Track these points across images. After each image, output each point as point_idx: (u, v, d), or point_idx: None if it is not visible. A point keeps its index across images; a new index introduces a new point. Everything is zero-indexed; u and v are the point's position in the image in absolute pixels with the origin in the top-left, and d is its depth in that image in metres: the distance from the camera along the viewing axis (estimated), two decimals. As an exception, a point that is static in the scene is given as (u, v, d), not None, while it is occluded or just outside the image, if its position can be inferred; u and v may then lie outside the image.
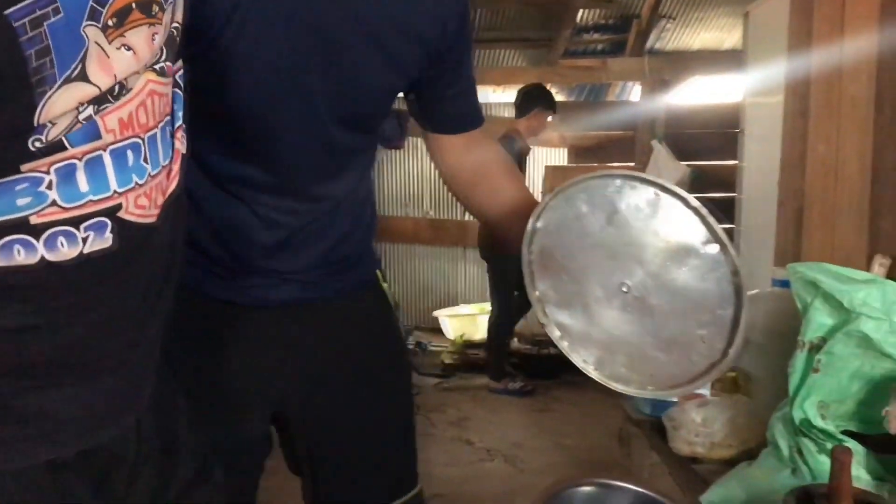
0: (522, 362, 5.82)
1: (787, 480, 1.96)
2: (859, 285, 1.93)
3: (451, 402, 4.93)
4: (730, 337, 1.30)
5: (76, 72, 0.75)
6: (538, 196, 1.76)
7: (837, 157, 2.51)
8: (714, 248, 1.32)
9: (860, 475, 1.88)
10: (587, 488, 1.72)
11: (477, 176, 1.67)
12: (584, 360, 1.25)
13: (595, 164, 6.71)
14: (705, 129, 6.44)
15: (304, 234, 1.51)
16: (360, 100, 1.43)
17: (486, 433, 4.27)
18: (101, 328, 0.91)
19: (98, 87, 0.78)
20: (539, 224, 1.24)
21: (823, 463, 1.94)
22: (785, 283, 2.23)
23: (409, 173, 7.60)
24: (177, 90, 0.97)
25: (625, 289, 1.28)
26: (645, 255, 1.29)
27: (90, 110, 0.79)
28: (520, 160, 5.30)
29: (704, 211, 1.29)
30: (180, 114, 0.99)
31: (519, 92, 5.86)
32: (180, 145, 0.99)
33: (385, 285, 1.67)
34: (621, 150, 6.65)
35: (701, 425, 2.38)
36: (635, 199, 1.27)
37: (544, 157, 7.53)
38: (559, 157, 7.50)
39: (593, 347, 1.26)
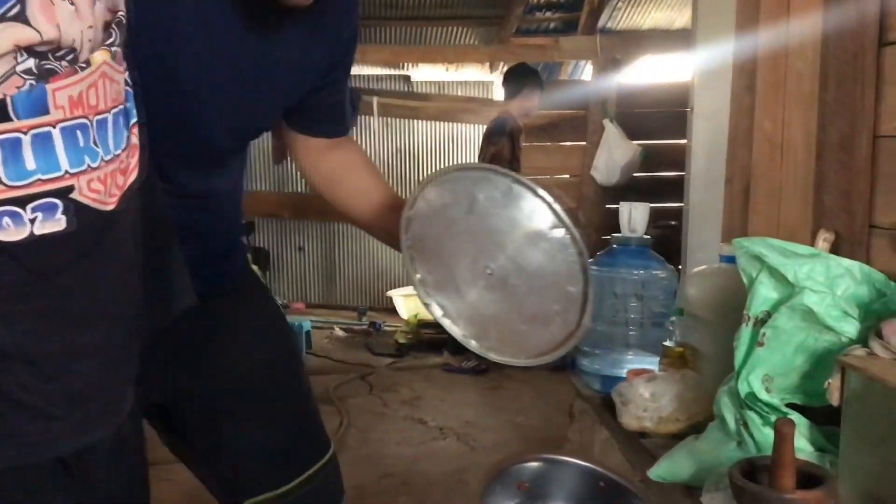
0: (476, 341, 5.81)
1: (732, 453, 1.98)
2: (803, 259, 1.95)
3: (405, 381, 4.92)
4: (581, 310, 1.42)
5: (14, 10, 0.72)
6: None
7: (783, 133, 2.53)
8: (560, 232, 1.44)
9: (803, 447, 1.91)
10: (534, 464, 1.71)
11: (338, 175, 1.74)
12: (464, 335, 1.38)
13: (548, 143, 6.72)
14: (657, 109, 6.48)
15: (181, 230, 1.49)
16: (259, 114, 1.51)
17: (439, 412, 4.27)
18: (67, 319, 0.89)
19: (39, 32, 0.74)
20: (411, 213, 1.35)
21: (768, 435, 1.97)
22: (731, 259, 2.25)
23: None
24: (129, 89, 0.95)
25: (489, 271, 1.41)
26: (503, 240, 1.42)
27: (31, 63, 0.76)
28: (512, 140, 5.28)
29: (550, 199, 1.43)
30: (135, 111, 0.96)
31: (506, 73, 5.86)
32: (137, 140, 0.96)
33: (255, 267, 1.71)
34: (573, 128, 6.66)
35: (649, 400, 2.40)
36: (491, 190, 1.39)
37: (497, 137, 7.51)
38: (512, 136, 7.49)
39: (469, 324, 1.39)
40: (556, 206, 1.43)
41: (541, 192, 1.42)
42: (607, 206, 5.88)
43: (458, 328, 1.39)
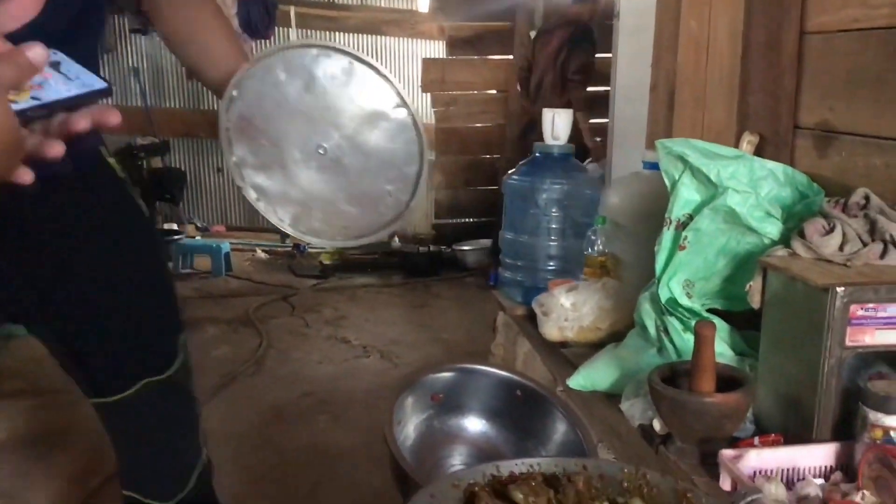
0: (403, 261, 5.74)
1: (652, 359, 1.95)
2: (727, 161, 1.88)
3: (328, 301, 4.82)
4: (413, 190, 1.46)
5: None
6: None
7: (709, 33, 2.44)
8: (402, 113, 1.44)
9: (724, 351, 1.88)
10: (448, 374, 1.62)
11: (187, 32, 1.61)
12: (280, 219, 1.40)
13: (474, 56, 6.52)
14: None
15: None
16: None
17: (363, 331, 4.20)
18: None
19: None
20: (236, 92, 1.32)
21: (688, 341, 1.93)
22: (654, 166, 2.17)
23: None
24: None
25: (321, 151, 1.40)
26: (341, 120, 1.41)
27: None
28: None
29: (394, 78, 1.42)
30: None
31: None
32: None
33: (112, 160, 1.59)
34: (500, 41, 6.47)
35: (570, 310, 2.34)
36: (331, 67, 1.37)
37: (422, 50, 7.27)
38: (437, 49, 7.26)
39: (290, 206, 1.41)
40: (399, 86, 1.42)
41: (384, 70, 1.41)
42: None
43: (274, 212, 1.39)
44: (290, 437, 2.72)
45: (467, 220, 6.31)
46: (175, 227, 6.71)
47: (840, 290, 1.51)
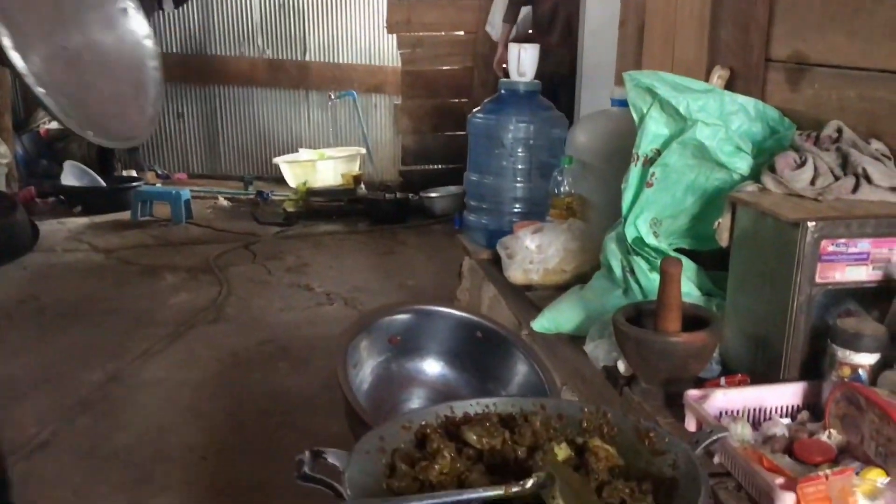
0: (369, 208, 5.64)
1: (618, 300, 1.89)
2: (697, 94, 1.80)
3: (292, 249, 4.71)
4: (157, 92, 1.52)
5: None
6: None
7: (680, -36, 2.34)
8: (138, 16, 1.50)
9: (690, 291, 1.83)
10: (406, 316, 1.56)
11: None
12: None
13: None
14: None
15: None
16: None
17: (327, 278, 4.12)
18: None
19: None
20: None
21: (654, 281, 1.87)
22: (623, 103, 2.09)
23: (238, 7, 6.92)
24: None
25: (64, 45, 1.39)
26: (83, 17, 1.43)
27: None
28: None
29: None
30: None
31: None
32: None
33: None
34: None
35: (535, 252, 2.28)
36: None
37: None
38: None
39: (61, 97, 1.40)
40: None
41: None
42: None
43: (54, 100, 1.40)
44: (248, 385, 2.65)
45: (435, 166, 6.20)
46: (134, 174, 6.53)
47: (811, 224, 1.45)
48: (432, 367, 1.61)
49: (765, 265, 1.58)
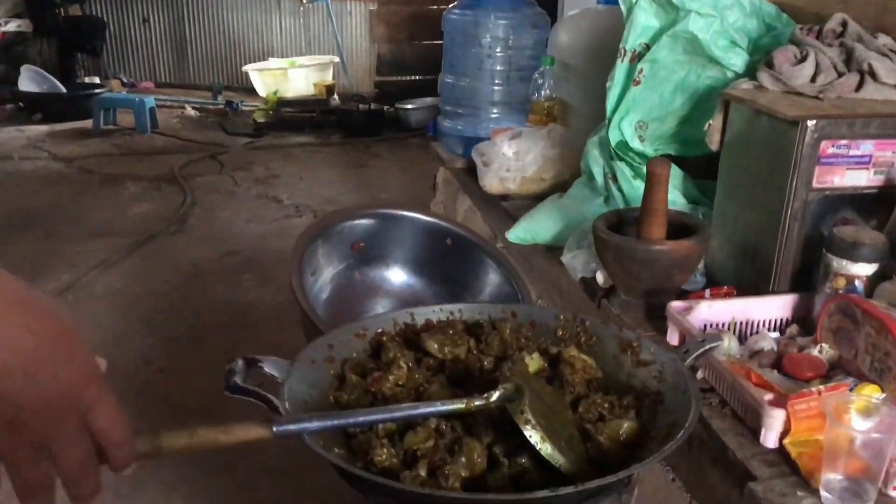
0: (342, 120, 5.44)
1: (598, 209, 1.78)
2: (691, -17, 1.66)
3: (261, 160, 4.53)
4: None
5: None
6: None
7: None
8: None
9: (676, 199, 1.71)
10: (369, 221, 1.43)
11: None
12: None
13: None
14: None
15: None
16: None
17: (297, 191, 3.96)
18: None
19: None
20: None
21: (638, 188, 1.75)
22: (612, 1, 1.94)
23: None
24: None
25: None
26: None
27: None
28: None
29: None
30: None
31: None
32: None
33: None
34: None
35: (512, 159, 2.15)
36: None
37: None
38: None
39: None
40: None
41: None
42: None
43: None
44: (210, 297, 2.54)
45: (412, 77, 5.97)
46: (97, 80, 6.24)
47: (811, 123, 1.33)
48: (398, 275, 1.49)
49: (758, 169, 1.46)
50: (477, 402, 0.71)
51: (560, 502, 0.67)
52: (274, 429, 0.67)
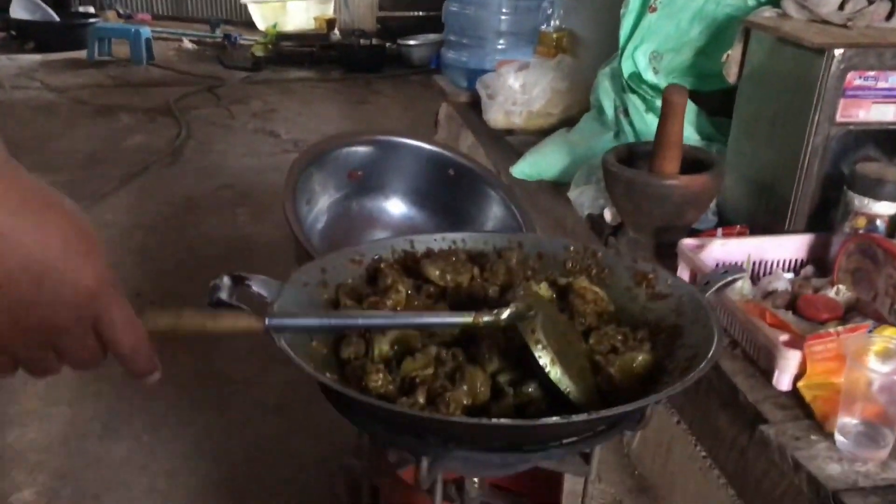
0: (343, 55, 5.30)
1: (608, 144, 1.70)
2: None
3: (259, 95, 4.41)
4: None
5: None
6: None
7: None
8: None
9: (690, 135, 1.64)
10: (367, 148, 1.36)
11: None
12: None
13: None
14: None
15: None
16: None
17: (295, 126, 3.86)
18: None
19: None
20: None
21: (650, 123, 1.68)
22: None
23: None
24: None
25: None
26: None
27: None
28: None
29: None
30: None
31: None
32: None
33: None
34: None
35: (519, 92, 2.06)
36: None
37: None
38: None
39: None
40: None
41: None
42: None
43: None
44: (203, 231, 2.47)
45: (415, 13, 5.80)
46: (92, 10, 6.08)
47: (838, 52, 1.25)
48: (397, 206, 1.42)
49: (777, 103, 1.39)
50: (486, 318, 0.65)
51: (569, 432, 0.62)
52: (267, 321, 0.62)
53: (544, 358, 0.61)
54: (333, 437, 1.48)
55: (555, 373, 0.61)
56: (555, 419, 0.57)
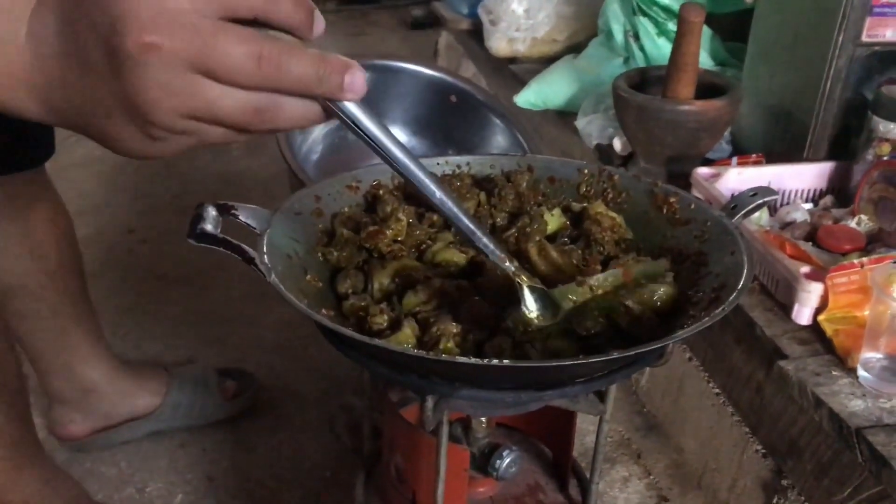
0: (339, -12, 5.16)
1: (617, 70, 1.62)
2: None
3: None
4: None
5: None
6: None
7: None
8: None
9: (703, 61, 1.55)
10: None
11: None
12: None
13: None
14: None
15: None
16: None
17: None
18: None
19: None
20: None
21: (663, 47, 1.60)
22: None
23: None
24: None
25: None
26: None
27: None
28: None
29: None
30: None
31: None
32: None
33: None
34: None
35: (523, 17, 1.97)
36: None
37: None
38: None
39: None
40: None
41: None
42: None
43: None
44: (197, 167, 2.40)
45: (412, -58, 5.62)
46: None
47: (868, -34, 1.17)
48: (396, 135, 1.36)
49: (798, 23, 1.30)
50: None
51: (585, 371, 0.57)
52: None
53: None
54: (334, 373, 1.44)
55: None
56: (571, 361, 0.51)
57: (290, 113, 0.43)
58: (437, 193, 0.52)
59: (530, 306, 0.59)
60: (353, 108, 0.46)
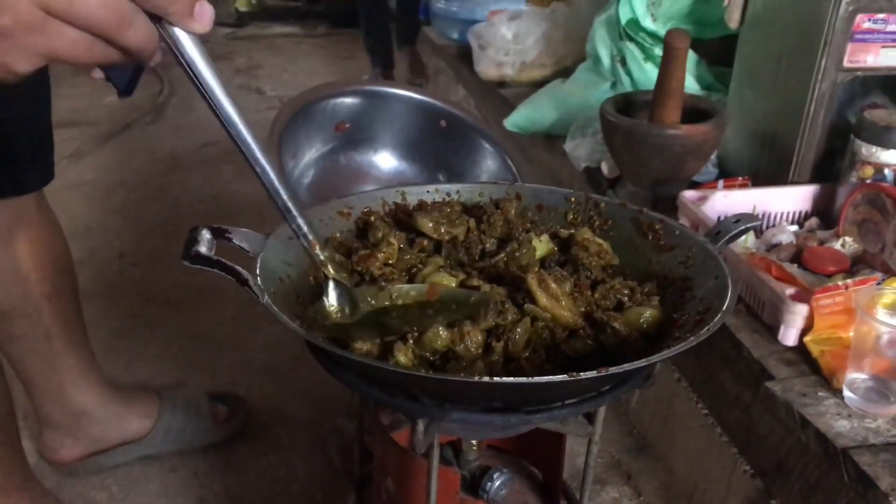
0: (328, 10, 5.19)
1: (604, 95, 1.64)
2: None
3: (243, 51, 4.30)
4: None
5: None
6: None
7: None
8: None
9: (689, 85, 1.58)
10: (353, 98, 1.30)
11: None
12: None
13: None
14: None
15: None
16: None
17: (280, 82, 3.76)
18: None
19: None
20: None
21: (649, 72, 1.62)
22: None
23: None
24: None
25: None
26: None
27: None
28: None
29: None
30: None
31: None
32: None
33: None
34: None
35: (511, 42, 1.99)
36: None
37: None
38: None
39: None
40: None
41: None
42: None
43: None
44: (188, 189, 2.41)
45: (402, -33, 5.68)
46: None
47: (847, -6, 1.20)
48: (387, 160, 1.37)
49: (782, 49, 1.33)
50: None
51: (574, 391, 0.58)
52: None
53: None
54: (325, 395, 1.45)
55: None
56: (561, 377, 0.52)
57: (138, 28, 0.43)
58: (261, 160, 0.56)
59: (332, 300, 0.64)
60: (191, 48, 0.49)
